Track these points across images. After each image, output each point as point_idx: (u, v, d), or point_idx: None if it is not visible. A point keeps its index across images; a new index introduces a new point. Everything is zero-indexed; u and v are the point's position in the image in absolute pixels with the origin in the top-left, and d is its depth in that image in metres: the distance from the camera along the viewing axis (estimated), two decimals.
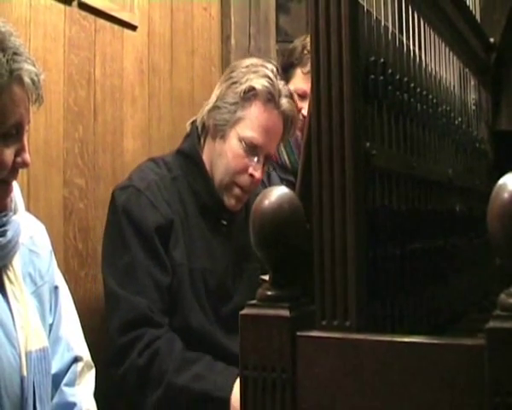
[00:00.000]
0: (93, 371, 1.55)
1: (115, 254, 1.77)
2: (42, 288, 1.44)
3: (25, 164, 1.31)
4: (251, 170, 1.83)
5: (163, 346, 1.67)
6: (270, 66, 1.89)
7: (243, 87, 1.83)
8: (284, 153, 2.31)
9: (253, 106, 1.84)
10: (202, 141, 1.90)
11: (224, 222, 1.90)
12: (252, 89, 1.83)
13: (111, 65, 2.11)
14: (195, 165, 1.88)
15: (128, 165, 2.13)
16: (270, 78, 1.85)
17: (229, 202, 1.87)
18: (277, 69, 1.92)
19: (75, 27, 1.97)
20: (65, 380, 1.48)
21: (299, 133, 2.11)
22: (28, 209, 1.56)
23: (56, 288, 1.51)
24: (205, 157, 1.88)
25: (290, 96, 1.90)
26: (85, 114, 2.00)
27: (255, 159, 1.84)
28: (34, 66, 1.29)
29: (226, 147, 1.84)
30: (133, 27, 2.22)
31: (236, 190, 1.85)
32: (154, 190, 1.80)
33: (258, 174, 1.83)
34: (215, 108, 1.86)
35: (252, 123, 1.83)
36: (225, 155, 1.84)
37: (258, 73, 1.86)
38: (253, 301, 0.78)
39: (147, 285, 1.72)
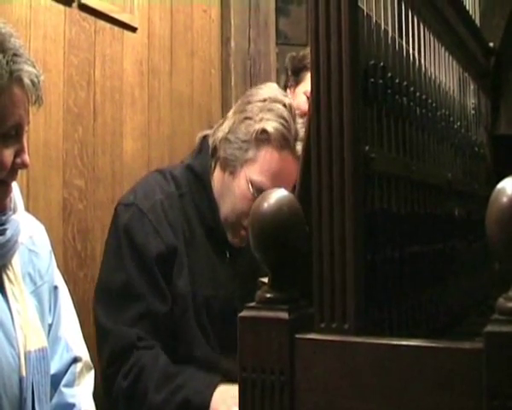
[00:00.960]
0: (92, 371, 1.55)
1: (110, 272, 1.72)
2: (41, 288, 1.44)
3: (24, 165, 1.31)
4: None
5: (148, 362, 1.63)
6: (287, 101, 1.78)
7: (256, 128, 1.73)
8: None
9: (265, 150, 1.74)
10: (213, 164, 1.82)
11: (228, 255, 1.83)
12: (265, 132, 1.73)
13: (111, 66, 2.11)
14: (204, 187, 1.80)
15: (127, 166, 2.14)
16: (285, 119, 1.74)
17: (233, 240, 1.80)
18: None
19: (75, 29, 1.97)
20: (64, 381, 1.48)
21: None
22: (27, 210, 1.56)
23: (56, 288, 1.51)
24: (214, 182, 1.81)
25: None
26: (85, 116, 2.00)
27: None
28: (34, 67, 1.29)
29: (235, 185, 1.76)
30: (133, 29, 2.22)
31: (242, 232, 1.77)
32: (158, 212, 1.73)
33: None
34: (226, 140, 1.77)
35: (262, 168, 1.74)
36: (233, 193, 1.76)
37: (273, 111, 1.74)
38: (252, 304, 0.78)
39: (138, 314, 1.66)
